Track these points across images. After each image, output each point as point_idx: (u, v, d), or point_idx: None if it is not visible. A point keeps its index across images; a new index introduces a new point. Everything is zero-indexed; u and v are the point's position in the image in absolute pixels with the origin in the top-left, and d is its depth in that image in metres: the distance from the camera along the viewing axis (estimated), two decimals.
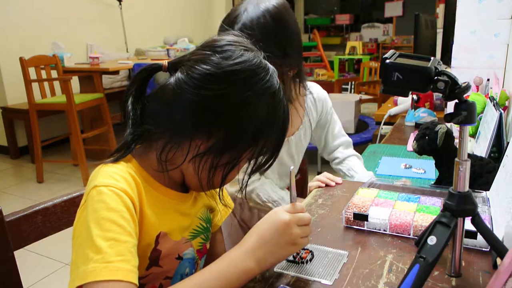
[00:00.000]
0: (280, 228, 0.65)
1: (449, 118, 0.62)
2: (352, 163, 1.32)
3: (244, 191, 0.73)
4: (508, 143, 0.96)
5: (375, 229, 0.86)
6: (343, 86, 5.66)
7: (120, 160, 0.67)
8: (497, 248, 0.66)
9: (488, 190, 0.93)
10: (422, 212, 0.86)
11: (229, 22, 1.02)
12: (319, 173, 3.70)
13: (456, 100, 0.61)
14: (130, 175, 0.65)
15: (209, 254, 0.83)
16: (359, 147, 3.29)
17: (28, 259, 2.19)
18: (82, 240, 0.59)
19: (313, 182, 1.16)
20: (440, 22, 3.38)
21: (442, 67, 0.62)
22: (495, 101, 1.18)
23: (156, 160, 0.67)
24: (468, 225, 0.67)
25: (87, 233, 0.58)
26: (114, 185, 0.61)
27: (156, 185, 0.69)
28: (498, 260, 0.69)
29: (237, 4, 1.08)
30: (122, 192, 0.61)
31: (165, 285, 0.72)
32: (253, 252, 0.64)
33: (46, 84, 3.43)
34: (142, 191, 0.66)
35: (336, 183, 1.13)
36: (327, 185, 1.13)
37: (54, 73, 3.53)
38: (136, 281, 0.57)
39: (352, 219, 0.87)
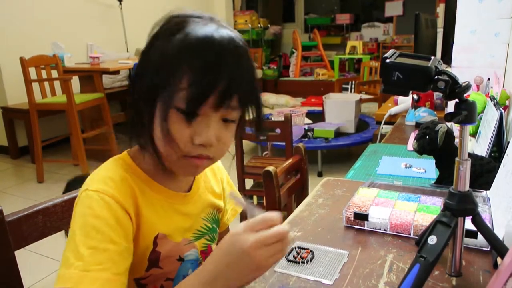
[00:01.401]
0: (239, 257, 0.55)
1: (449, 117, 0.62)
2: None
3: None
4: (508, 142, 0.96)
5: (375, 228, 0.86)
6: (344, 86, 5.65)
7: (119, 161, 0.68)
8: (497, 247, 0.66)
9: (489, 189, 0.93)
10: (422, 211, 0.86)
11: None
12: (319, 173, 3.67)
13: (457, 100, 0.61)
14: (124, 179, 0.65)
15: None
16: (360, 146, 3.30)
17: (29, 259, 2.19)
18: (68, 242, 0.60)
19: None
20: (440, 22, 3.38)
21: (443, 67, 0.62)
22: (495, 101, 1.18)
23: (151, 158, 0.67)
24: (469, 224, 0.67)
25: (72, 237, 0.59)
26: (104, 191, 0.61)
27: (155, 186, 0.69)
28: (499, 259, 0.69)
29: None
30: (111, 199, 0.61)
31: (166, 286, 0.71)
32: (212, 284, 0.57)
33: (46, 84, 3.42)
34: (138, 195, 0.66)
35: None
36: None
37: (54, 73, 3.52)
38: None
39: (353, 218, 0.87)
